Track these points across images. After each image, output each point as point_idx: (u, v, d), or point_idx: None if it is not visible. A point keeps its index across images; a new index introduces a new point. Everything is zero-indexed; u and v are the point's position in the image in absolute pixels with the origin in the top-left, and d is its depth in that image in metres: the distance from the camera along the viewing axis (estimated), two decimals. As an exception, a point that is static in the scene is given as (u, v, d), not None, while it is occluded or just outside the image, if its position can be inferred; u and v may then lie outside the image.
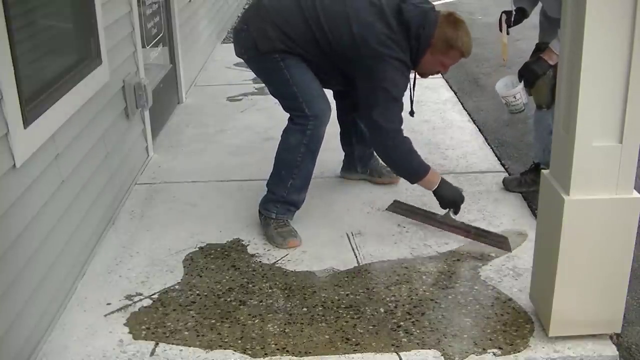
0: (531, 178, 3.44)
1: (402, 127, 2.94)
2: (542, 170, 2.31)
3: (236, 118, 4.72)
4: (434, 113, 4.69)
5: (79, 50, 3.00)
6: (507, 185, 3.50)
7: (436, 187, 2.99)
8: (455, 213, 3.04)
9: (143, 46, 3.98)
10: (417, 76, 3.12)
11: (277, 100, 3.11)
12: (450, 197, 3.02)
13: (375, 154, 3.58)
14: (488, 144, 4.15)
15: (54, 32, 2.86)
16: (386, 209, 3.16)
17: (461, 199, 3.04)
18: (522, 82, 3.26)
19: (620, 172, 2.08)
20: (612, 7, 1.92)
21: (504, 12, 3.35)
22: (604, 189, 2.09)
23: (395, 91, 2.86)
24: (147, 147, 3.97)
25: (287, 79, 2.91)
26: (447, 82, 5.46)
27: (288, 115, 3.00)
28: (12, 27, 2.17)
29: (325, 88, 3.05)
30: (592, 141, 2.04)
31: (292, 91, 2.92)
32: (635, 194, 2.11)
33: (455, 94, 5.18)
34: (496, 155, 3.96)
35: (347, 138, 3.55)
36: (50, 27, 2.83)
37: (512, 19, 3.35)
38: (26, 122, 2.26)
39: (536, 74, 3.20)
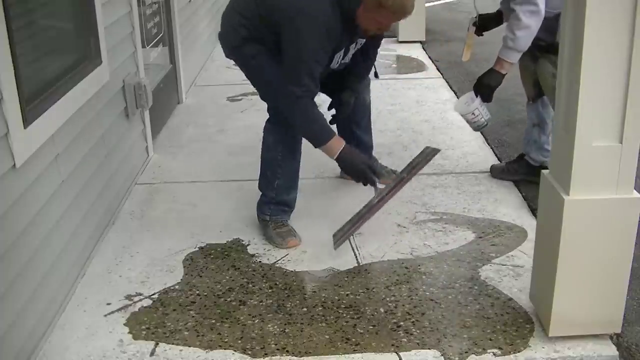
0: (514, 167, 3.57)
1: (311, 91, 2.77)
2: (542, 170, 2.31)
3: (236, 118, 4.72)
4: (434, 113, 4.69)
5: (79, 50, 3.00)
6: (493, 172, 3.63)
7: (338, 154, 2.80)
8: (371, 183, 2.82)
9: (143, 46, 3.98)
10: (379, 41, 3.11)
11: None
12: (354, 163, 2.81)
13: (373, 155, 3.56)
14: (488, 144, 4.15)
15: (54, 32, 2.86)
16: (335, 248, 2.85)
17: (367, 165, 2.82)
18: (479, 97, 3.21)
19: (620, 172, 2.08)
20: (612, 7, 1.92)
21: (478, 15, 3.33)
22: (604, 189, 2.09)
23: (304, 52, 2.73)
24: (147, 147, 3.97)
25: (260, 75, 2.93)
26: (447, 82, 5.46)
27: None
28: (12, 27, 2.17)
29: None
30: (592, 141, 2.04)
31: (266, 89, 2.97)
32: (635, 194, 2.11)
33: (455, 94, 5.18)
34: (496, 155, 3.96)
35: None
36: (50, 27, 2.82)
37: (476, 24, 3.32)
38: (26, 122, 2.26)
39: (491, 87, 3.17)
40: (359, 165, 2.83)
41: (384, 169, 3.55)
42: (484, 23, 3.39)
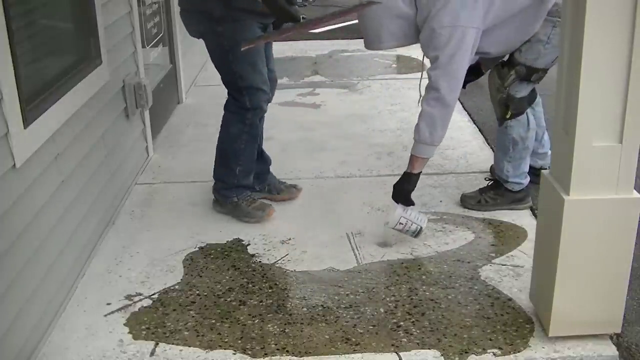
0: (489, 196, 3.26)
1: None
2: (542, 171, 2.31)
3: (236, 118, 4.71)
4: (434, 113, 4.68)
5: (79, 50, 3.00)
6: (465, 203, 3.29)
7: None
8: (293, 18, 2.75)
9: (143, 46, 3.98)
10: None
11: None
12: (278, 2, 2.73)
13: (271, 171, 3.44)
14: (488, 144, 4.15)
15: (54, 32, 2.87)
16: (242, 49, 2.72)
17: (289, 3, 2.75)
18: (400, 205, 2.91)
19: (620, 172, 2.08)
20: (612, 7, 1.92)
21: None
22: (604, 189, 2.09)
23: None
24: (147, 147, 3.97)
25: (228, 62, 2.99)
26: (447, 82, 5.45)
27: (252, 105, 3.02)
28: (12, 27, 2.17)
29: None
30: (592, 141, 2.04)
31: (234, 79, 3.01)
32: (635, 194, 2.11)
33: (455, 94, 5.18)
34: (496, 155, 3.96)
35: None
36: (50, 27, 2.83)
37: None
38: (26, 122, 2.26)
39: (405, 191, 2.92)
40: (283, 4, 2.74)
41: (282, 185, 3.44)
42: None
